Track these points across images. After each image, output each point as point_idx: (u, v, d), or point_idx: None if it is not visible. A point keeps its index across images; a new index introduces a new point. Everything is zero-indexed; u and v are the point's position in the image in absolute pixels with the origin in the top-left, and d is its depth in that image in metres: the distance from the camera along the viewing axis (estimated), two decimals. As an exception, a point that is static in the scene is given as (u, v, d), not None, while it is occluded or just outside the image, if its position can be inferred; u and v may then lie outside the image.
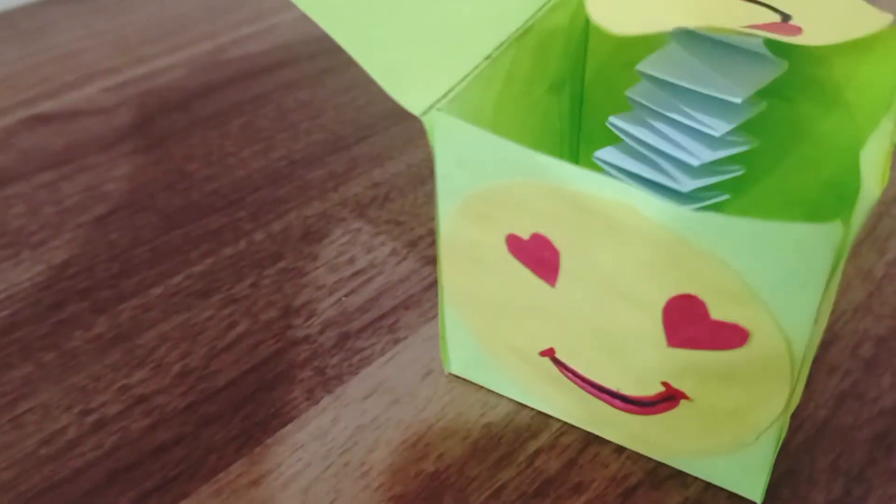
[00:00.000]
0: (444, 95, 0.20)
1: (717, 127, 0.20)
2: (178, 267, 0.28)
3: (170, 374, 0.25)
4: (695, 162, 0.21)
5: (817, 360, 0.24)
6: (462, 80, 0.21)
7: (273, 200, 0.31)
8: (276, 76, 0.39)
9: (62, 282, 0.28)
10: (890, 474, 0.22)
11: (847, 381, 0.24)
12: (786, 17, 0.19)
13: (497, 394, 0.24)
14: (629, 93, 0.22)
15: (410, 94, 0.20)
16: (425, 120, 0.20)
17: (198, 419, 0.23)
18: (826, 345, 0.25)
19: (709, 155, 0.21)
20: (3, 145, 0.34)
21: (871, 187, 0.16)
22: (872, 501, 0.21)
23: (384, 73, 0.20)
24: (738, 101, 0.20)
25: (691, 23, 0.17)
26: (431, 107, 0.20)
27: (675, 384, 0.19)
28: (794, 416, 0.23)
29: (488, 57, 0.21)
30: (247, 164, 0.33)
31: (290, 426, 0.23)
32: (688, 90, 0.20)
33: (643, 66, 0.21)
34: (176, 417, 0.23)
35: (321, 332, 0.26)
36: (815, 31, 0.18)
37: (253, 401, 0.24)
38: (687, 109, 0.20)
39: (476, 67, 0.21)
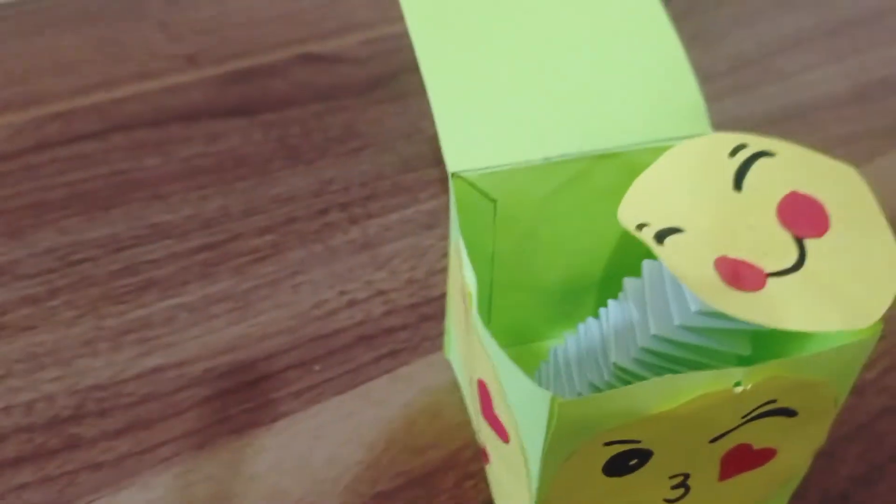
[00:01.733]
0: (485, 168, 0.26)
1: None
2: (411, 202, 0.38)
3: (401, 279, 0.34)
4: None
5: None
6: (509, 164, 0.26)
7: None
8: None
9: (327, 194, 0.38)
10: None
11: None
12: (800, 261, 0.23)
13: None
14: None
15: (455, 149, 0.26)
16: (452, 180, 0.25)
17: (418, 316, 0.33)
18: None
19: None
20: (283, 74, 0.44)
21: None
22: None
23: (446, 117, 0.26)
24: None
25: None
26: (463, 171, 0.25)
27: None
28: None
29: (546, 159, 0.26)
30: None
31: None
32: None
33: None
34: (403, 311, 0.33)
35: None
36: (810, 307, 0.21)
37: (455, 312, 0.33)
38: None
39: (529, 161, 0.26)
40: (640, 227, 0.23)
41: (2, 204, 0.36)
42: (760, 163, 0.25)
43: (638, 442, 0.21)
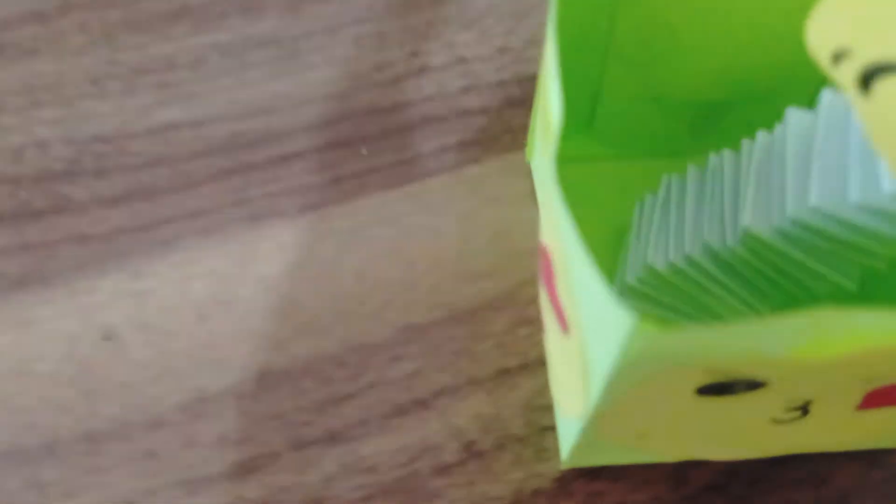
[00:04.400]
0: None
1: None
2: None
3: (491, 45, 0.26)
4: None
5: None
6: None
7: None
8: None
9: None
10: None
11: None
12: None
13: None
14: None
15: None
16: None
17: (504, 98, 0.26)
18: None
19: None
20: None
21: None
22: None
23: None
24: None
25: None
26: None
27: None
28: None
29: None
30: None
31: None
32: None
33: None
34: (486, 89, 0.26)
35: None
36: None
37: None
38: None
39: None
40: (839, 57, 0.15)
41: None
42: None
43: (752, 375, 0.15)
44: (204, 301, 0.22)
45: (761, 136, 0.19)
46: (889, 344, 0.13)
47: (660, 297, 0.20)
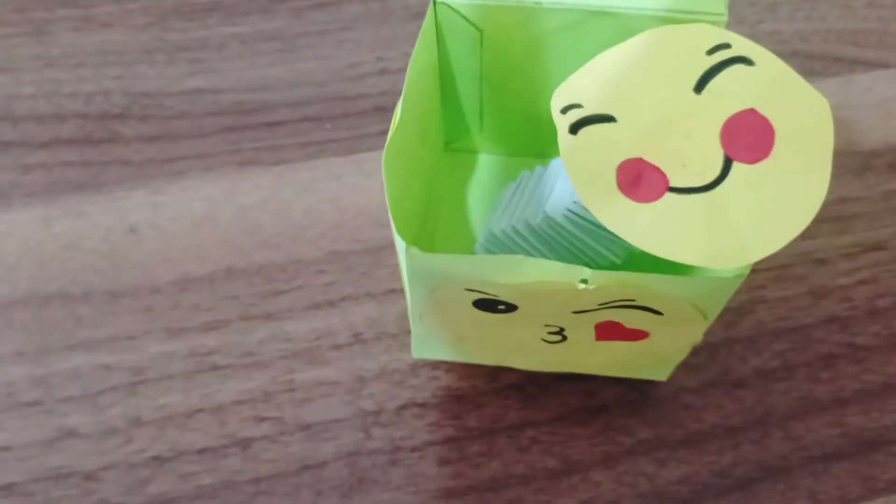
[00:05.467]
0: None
1: None
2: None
3: (436, 59, 0.36)
4: None
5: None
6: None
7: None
8: None
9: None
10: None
11: (861, 315, 0.32)
12: (715, 182, 0.22)
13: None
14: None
15: None
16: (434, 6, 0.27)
17: (437, 100, 0.35)
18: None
19: None
20: None
21: None
22: (799, 389, 0.30)
23: None
24: None
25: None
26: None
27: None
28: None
29: (537, 3, 0.26)
30: None
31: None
32: None
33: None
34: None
35: None
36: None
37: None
38: None
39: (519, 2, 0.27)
40: (568, 108, 0.24)
41: None
42: (734, 69, 0.24)
43: (497, 296, 0.24)
44: (199, 216, 0.32)
45: None
46: (547, 281, 0.22)
47: (496, 253, 0.30)
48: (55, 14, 0.36)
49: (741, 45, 0.24)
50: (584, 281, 0.22)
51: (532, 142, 0.32)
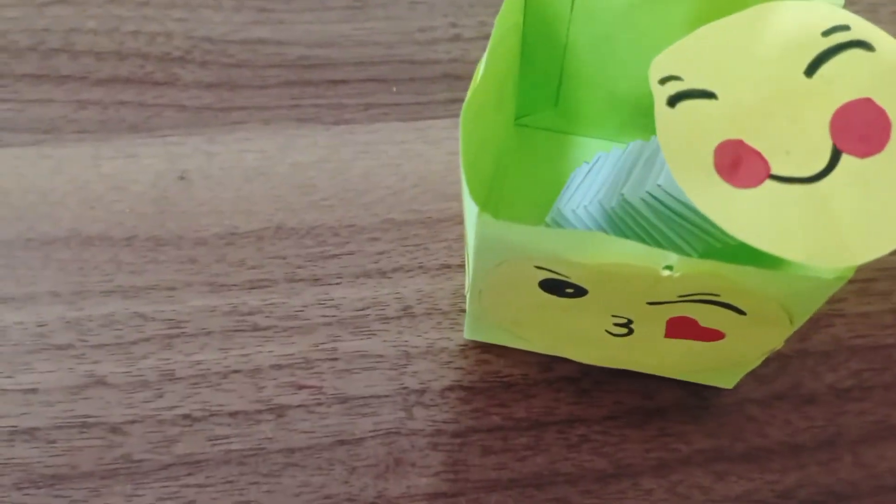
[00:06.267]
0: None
1: None
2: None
3: (513, 30, 0.34)
4: None
5: None
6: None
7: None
8: None
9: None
10: None
11: None
12: (821, 174, 0.20)
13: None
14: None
15: None
16: None
17: (510, 73, 0.33)
18: None
19: None
20: None
21: None
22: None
23: None
24: None
25: None
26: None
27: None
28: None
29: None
30: None
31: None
32: None
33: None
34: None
35: None
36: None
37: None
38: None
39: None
40: (667, 80, 0.22)
41: None
42: (851, 53, 0.22)
43: (567, 277, 0.22)
44: (251, 169, 0.30)
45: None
46: (628, 264, 0.20)
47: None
48: (123, -50, 0.35)
49: (861, 27, 0.22)
50: (669, 267, 0.21)
51: (607, 122, 0.30)
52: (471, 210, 0.21)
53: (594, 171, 0.28)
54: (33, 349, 0.27)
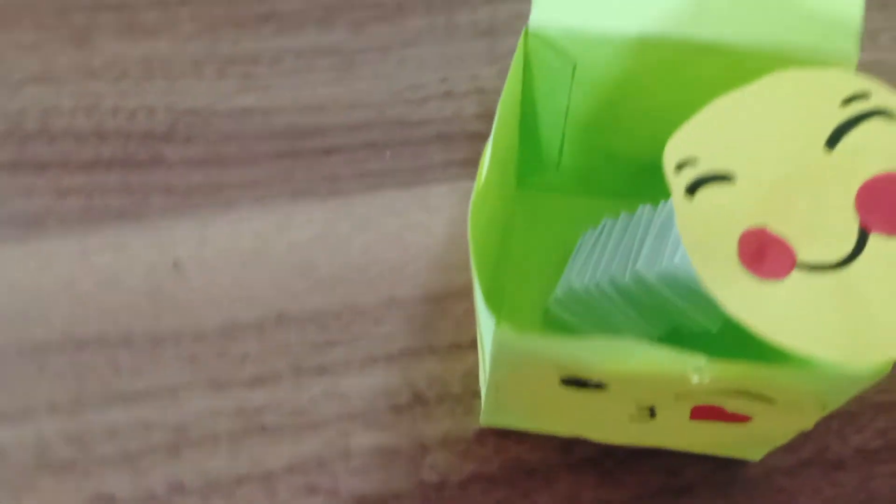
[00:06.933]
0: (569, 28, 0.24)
1: None
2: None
3: (508, 82, 0.33)
4: None
5: None
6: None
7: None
8: None
9: (474, -42, 0.35)
10: None
11: None
12: (850, 258, 0.19)
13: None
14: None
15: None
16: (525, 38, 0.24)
17: (508, 128, 0.32)
18: None
19: None
20: None
21: None
22: None
23: None
24: None
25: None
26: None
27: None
28: None
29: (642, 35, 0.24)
30: None
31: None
32: None
33: None
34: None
35: None
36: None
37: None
38: None
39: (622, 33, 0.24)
40: (682, 165, 0.21)
41: None
42: (873, 123, 0.21)
43: (590, 378, 0.21)
44: (247, 252, 0.29)
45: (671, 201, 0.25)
46: (657, 371, 0.20)
47: (575, 309, 0.27)
48: (96, 20, 0.33)
49: (882, 94, 0.21)
50: (698, 368, 0.20)
51: (611, 182, 0.29)
52: (486, 320, 0.20)
53: (602, 238, 0.27)
54: (35, 467, 0.25)
